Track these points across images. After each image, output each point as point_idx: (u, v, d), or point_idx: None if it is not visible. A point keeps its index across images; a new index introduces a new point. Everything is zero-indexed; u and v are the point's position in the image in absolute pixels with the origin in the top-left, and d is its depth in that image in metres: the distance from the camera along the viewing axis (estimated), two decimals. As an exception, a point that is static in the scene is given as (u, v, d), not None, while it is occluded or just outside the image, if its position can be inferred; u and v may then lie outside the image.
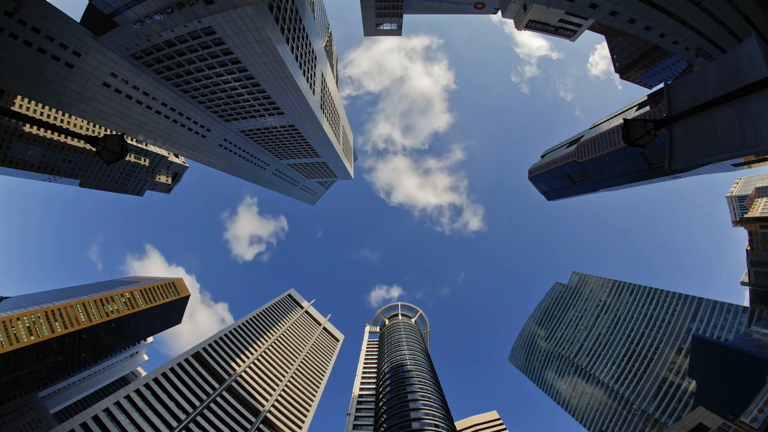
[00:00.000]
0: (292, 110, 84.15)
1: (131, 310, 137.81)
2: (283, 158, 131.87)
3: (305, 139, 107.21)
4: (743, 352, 70.72)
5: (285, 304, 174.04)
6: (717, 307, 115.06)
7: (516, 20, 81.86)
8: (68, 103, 57.53)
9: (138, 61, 61.21)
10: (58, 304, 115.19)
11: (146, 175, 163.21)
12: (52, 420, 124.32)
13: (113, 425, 77.72)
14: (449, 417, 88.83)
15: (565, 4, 50.07)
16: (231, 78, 67.84)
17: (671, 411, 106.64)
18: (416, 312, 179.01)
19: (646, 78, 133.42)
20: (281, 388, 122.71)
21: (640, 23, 49.76)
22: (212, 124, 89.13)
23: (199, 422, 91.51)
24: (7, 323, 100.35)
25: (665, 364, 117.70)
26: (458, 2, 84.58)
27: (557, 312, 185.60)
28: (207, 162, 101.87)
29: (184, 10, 47.87)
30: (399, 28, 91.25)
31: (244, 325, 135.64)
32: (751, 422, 46.90)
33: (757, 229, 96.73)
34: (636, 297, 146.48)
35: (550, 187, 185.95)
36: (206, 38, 56.27)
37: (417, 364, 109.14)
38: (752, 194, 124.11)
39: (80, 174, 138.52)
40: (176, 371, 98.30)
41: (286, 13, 61.44)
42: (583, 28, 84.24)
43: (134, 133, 73.44)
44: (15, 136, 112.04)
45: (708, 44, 50.25)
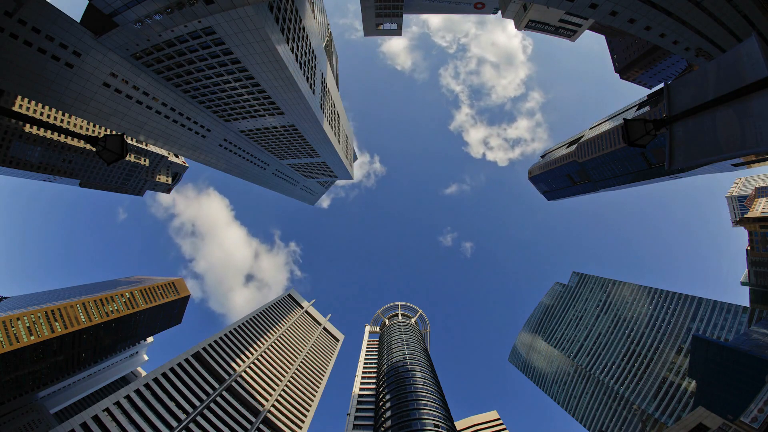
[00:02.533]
0: (292, 110, 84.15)
1: (131, 310, 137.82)
2: (283, 158, 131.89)
3: (305, 139, 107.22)
4: (743, 352, 70.72)
5: (285, 304, 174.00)
6: (717, 307, 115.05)
7: (516, 20, 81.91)
8: (68, 103, 57.53)
9: (138, 61, 61.21)
10: (58, 304, 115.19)
11: (146, 175, 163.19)
12: (52, 420, 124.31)
13: (113, 425, 77.65)
14: (449, 417, 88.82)
15: (565, 4, 50.08)
16: (231, 78, 67.84)
17: (671, 411, 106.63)
18: (416, 312, 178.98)
19: (646, 78, 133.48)
20: (281, 388, 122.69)
21: (640, 23, 49.78)
22: (212, 124, 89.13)
23: (199, 422, 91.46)
24: (7, 323, 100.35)
25: (665, 364, 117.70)
26: (458, 2, 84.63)
27: (557, 312, 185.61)
28: (207, 162, 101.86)
29: (184, 10, 47.85)
30: (399, 28, 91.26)
31: (244, 325, 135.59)
32: (751, 422, 46.90)
33: (757, 229, 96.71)
34: (636, 297, 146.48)
35: (550, 187, 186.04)
36: (206, 38, 56.29)
37: (417, 363, 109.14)
38: (752, 194, 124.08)
39: (80, 174, 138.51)
40: (176, 371, 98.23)
41: (286, 13, 61.44)
42: (583, 28, 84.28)
43: (134, 133, 73.42)
44: (15, 136, 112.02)
45: (708, 44, 50.26)
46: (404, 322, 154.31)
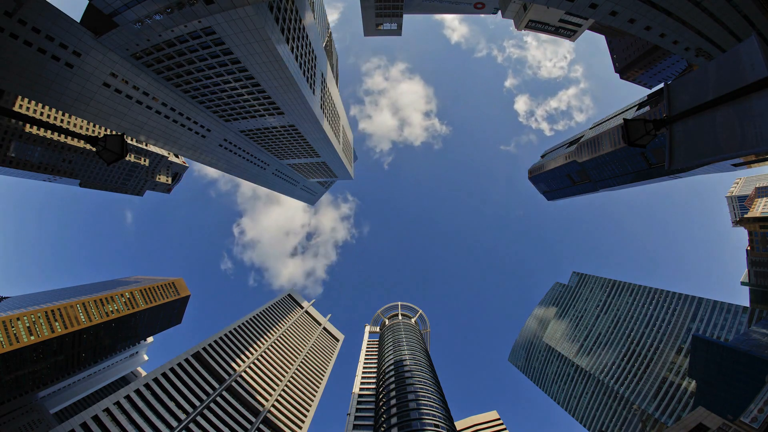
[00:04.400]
0: (292, 110, 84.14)
1: (131, 310, 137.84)
2: (283, 158, 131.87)
3: (305, 139, 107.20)
4: (743, 352, 70.74)
5: (285, 304, 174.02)
6: (717, 307, 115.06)
7: (516, 20, 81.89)
8: (68, 103, 57.52)
9: (138, 61, 61.20)
10: (58, 304, 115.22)
11: (146, 175, 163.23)
12: (52, 420, 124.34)
13: (113, 425, 77.68)
14: (449, 417, 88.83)
15: (565, 4, 50.08)
16: (231, 78, 67.83)
17: (671, 411, 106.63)
18: (416, 312, 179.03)
19: (646, 78, 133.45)
20: (281, 388, 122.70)
21: (640, 23, 49.78)
22: (212, 124, 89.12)
23: (199, 422, 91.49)
24: (7, 323, 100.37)
25: (665, 364, 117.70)
26: (458, 2, 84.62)
27: (557, 312, 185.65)
28: (207, 162, 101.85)
29: (184, 10, 47.84)
30: (399, 28, 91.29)
31: (244, 325, 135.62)
32: (751, 422, 46.92)
33: (757, 229, 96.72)
34: (636, 297, 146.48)
35: (550, 187, 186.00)
36: (206, 38, 56.27)
37: (417, 363, 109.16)
38: (752, 194, 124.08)
39: (80, 174, 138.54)
40: (176, 371, 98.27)
41: (286, 13, 61.42)
42: (583, 28, 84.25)
43: (134, 133, 73.42)
44: (15, 136, 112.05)
45: (708, 44, 50.28)
46: (404, 322, 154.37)
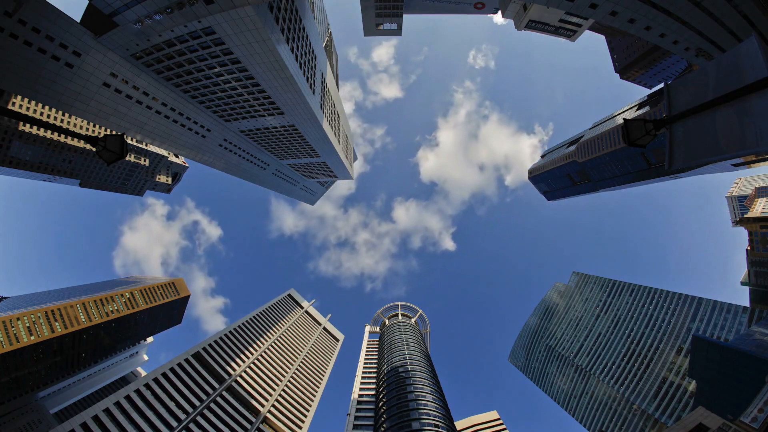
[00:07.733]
0: (292, 110, 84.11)
1: (131, 310, 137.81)
2: (283, 158, 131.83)
3: (305, 139, 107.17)
4: (743, 352, 70.70)
5: (285, 304, 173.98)
6: (717, 307, 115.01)
7: (516, 20, 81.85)
8: (68, 103, 57.51)
9: (138, 61, 61.18)
10: (58, 304, 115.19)
11: (146, 175, 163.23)
12: (52, 420, 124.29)
13: (113, 425, 77.66)
14: (449, 417, 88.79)
15: (565, 4, 50.05)
16: (231, 78, 67.81)
17: (671, 411, 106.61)
18: (416, 312, 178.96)
19: (646, 78, 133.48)
20: (281, 388, 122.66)
21: (640, 23, 49.75)
22: (212, 124, 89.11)
23: (199, 422, 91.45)
24: (7, 323, 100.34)
25: (665, 364, 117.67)
26: (458, 2, 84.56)
27: (557, 312, 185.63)
28: (207, 162, 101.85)
29: (184, 10, 47.83)
30: (399, 28, 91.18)
31: (244, 325, 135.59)
32: (751, 422, 46.91)
33: (757, 229, 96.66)
34: (636, 297, 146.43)
35: (550, 187, 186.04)
36: (206, 38, 56.24)
37: (417, 364, 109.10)
38: (752, 194, 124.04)
39: (80, 174, 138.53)
40: (176, 371, 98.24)
41: (286, 13, 61.39)
42: (583, 28, 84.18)
43: (134, 133, 73.41)
44: (15, 136, 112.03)
45: (708, 44, 50.24)
46: (404, 322, 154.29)
